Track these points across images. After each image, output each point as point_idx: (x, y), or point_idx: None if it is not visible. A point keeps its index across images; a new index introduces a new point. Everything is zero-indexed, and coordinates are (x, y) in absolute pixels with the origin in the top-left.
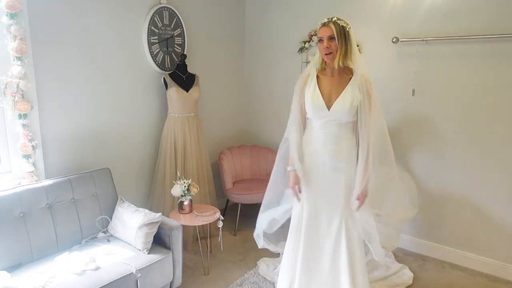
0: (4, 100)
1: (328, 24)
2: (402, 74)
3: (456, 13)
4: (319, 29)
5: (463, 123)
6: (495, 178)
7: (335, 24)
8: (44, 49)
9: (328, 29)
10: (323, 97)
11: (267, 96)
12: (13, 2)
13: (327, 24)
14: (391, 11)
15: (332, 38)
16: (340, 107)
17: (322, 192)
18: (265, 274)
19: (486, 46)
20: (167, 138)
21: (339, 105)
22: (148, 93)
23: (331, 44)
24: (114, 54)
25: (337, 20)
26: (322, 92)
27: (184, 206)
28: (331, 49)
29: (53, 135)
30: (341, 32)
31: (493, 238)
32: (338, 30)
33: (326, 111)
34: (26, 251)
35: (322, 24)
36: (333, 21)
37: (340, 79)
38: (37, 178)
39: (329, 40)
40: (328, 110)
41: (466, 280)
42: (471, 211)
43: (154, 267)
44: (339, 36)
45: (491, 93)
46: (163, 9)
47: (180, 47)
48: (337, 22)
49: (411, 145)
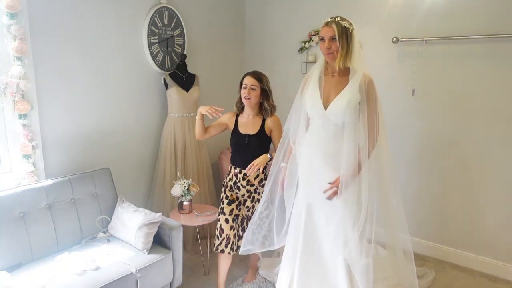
0: (4, 100)
1: (330, 24)
2: (402, 74)
3: (456, 13)
4: (322, 28)
5: (463, 123)
6: (495, 177)
7: (338, 25)
8: (44, 49)
9: (330, 29)
10: (322, 97)
11: None
12: (13, 2)
13: (329, 24)
14: (391, 11)
15: (333, 38)
16: (336, 107)
17: (319, 192)
18: (265, 274)
19: (486, 46)
20: (167, 138)
21: (335, 105)
22: (148, 93)
23: (331, 45)
24: (114, 54)
25: (340, 20)
26: (321, 92)
27: (184, 206)
28: (332, 49)
29: (53, 135)
30: (343, 33)
31: (493, 238)
32: (340, 31)
33: (323, 111)
34: (26, 251)
35: (324, 23)
36: (336, 21)
37: (340, 79)
38: (37, 178)
39: (330, 40)
40: (325, 109)
41: (466, 280)
42: (471, 211)
43: (154, 267)
44: (340, 37)
45: (491, 93)
46: (163, 9)
47: (180, 47)
48: (339, 22)
49: (411, 145)
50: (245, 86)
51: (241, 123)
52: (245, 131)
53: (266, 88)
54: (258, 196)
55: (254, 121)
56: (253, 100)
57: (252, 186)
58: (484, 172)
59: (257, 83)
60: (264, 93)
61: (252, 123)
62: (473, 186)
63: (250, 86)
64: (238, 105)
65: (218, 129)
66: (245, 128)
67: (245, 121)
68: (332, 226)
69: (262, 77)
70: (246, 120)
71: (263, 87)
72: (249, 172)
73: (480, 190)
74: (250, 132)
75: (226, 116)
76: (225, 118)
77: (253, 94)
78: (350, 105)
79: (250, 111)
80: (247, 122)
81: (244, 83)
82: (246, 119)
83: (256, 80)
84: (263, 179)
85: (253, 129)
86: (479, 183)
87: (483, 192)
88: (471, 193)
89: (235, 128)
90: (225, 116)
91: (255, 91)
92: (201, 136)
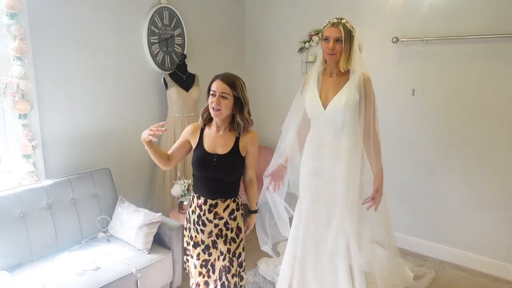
0: (4, 100)
1: (337, 26)
2: (402, 74)
3: (456, 13)
4: (327, 28)
5: (463, 123)
6: (495, 177)
7: (344, 27)
8: (44, 49)
9: (337, 31)
10: (321, 97)
11: (267, 96)
12: (13, 2)
13: (336, 25)
14: (391, 11)
15: (338, 40)
16: (335, 106)
17: (320, 192)
18: (265, 274)
19: (486, 46)
20: (167, 138)
21: (334, 104)
22: (148, 93)
23: (336, 46)
24: (114, 54)
25: (346, 22)
26: (320, 92)
27: (184, 206)
28: (336, 50)
29: (53, 135)
30: (348, 36)
31: (493, 238)
32: (346, 34)
33: (322, 111)
34: (26, 251)
35: (331, 23)
36: (343, 23)
37: (338, 79)
38: (37, 178)
39: (335, 41)
40: (324, 109)
41: (466, 280)
42: (471, 211)
43: (154, 267)
44: (346, 39)
45: (491, 93)
46: (163, 9)
47: (180, 47)
48: (345, 24)
49: (411, 144)
50: (214, 93)
51: (207, 138)
52: (212, 149)
53: (241, 96)
54: (232, 233)
55: (225, 137)
56: (224, 111)
57: (221, 219)
58: (484, 172)
59: (230, 89)
60: (238, 103)
61: (223, 140)
62: (473, 186)
63: (220, 94)
64: (205, 115)
65: (183, 151)
66: (212, 145)
67: (213, 137)
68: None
69: (236, 81)
70: (214, 136)
71: (237, 95)
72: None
73: (480, 189)
74: (219, 151)
75: (188, 130)
76: (187, 132)
77: (224, 104)
78: (349, 104)
79: (220, 124)
80: (216, 138)
81: (213, 89)
82: (214, 134)
83: (228, 86)
84: (235, 210)
85: (223, 148)
86: (479, 183)
87: (483, 192)
88: (471, 193)
89: (199, 145)
90: (187, 130)
91: (227, 100)
92: (165, 165)
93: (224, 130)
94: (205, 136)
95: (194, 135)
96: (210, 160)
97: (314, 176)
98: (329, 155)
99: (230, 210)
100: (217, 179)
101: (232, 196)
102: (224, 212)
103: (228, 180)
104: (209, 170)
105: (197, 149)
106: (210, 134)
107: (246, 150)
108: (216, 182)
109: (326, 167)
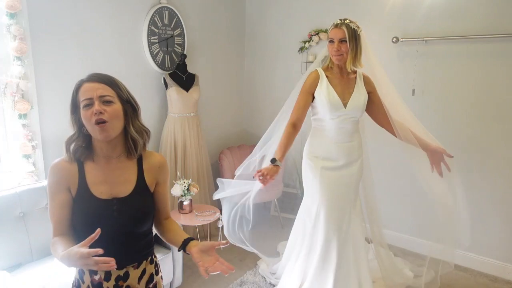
0: (4, 100)
1: (340, 27)
2: (402, 74)
3: (456, 13)
4: (331, 30)
5: (462, 123)
6: (495, 177)
7: (348, 27)
8: (44, 49)
9: (340, 32)
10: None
11: (267, 96)
12: (13, 2)
13: (339, 26)
14: (391, 11)
15: (343, 40)
16: (356, 104)
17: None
18: (265, 274)
19: (486, 46)
20: (167, 138)
21: (355, 101)
22: (148, 93)
23: (341, 47)
24: (114, 54)
25: (349, 22)
26: (335, 91)
27: (184, 206)
28: (341, 51)
29: (53, 135)
30: (352, 36)
31: (493, 238)
32: (351, 34)
33: (343, 109)
34: (26, 251)
35: (334, 25)
36: (346, 23)
37: (348, 78)
38: (37, 178)
39: (340, 42)
40: (345, 107)
41: (466, 280)
42: (471, 211)
43: None
44: (350, 39)
45: (491, 93)
46: (163, 9)
47: (180, 47)
48: (349, 25)
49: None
50: (90, 101)
51: (94, 178)
52: (107, 192)
53: (130, 97)
54: None
55: (122, 169)
56: (114, 123)
57: None
58: (485, 172)
59: (111, 90)
60: (129, 109)
61: (121, 174)
62: (473, 186)
63: (100, 98)
64: (74, 146)
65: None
66: (105, 186)
67: (103, 173)
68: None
69: (114, 79)
70: (105, 171)
71: (123, 97)
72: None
73: (480, 190)
74: (118, 192)
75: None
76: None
77: (110, 111)
78: (366, 101)
79: (109, 150)
80: (109, 175)
81: (86, 97)
82: (103, 167)
83: (108, 86)
84: (154, 275)
85: (124, 186)
86: (479, 182)
87: (483, 192)
88: (471, 193)
89: (80, 190)
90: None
91: (113, 105)
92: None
93: (118, 158)
94: (88, 175)
95: (72, 177)
96: (106, 209)
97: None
98: (344, 151)
99: (148, 276)
100: (123, 235)
101: (148, 255)
102: (139, 283)
103: (139, 233)
104: (109, 224)
105: (80, 198)
106: (97, 170)
107: (155, 182)
108: (122, 239)
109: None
